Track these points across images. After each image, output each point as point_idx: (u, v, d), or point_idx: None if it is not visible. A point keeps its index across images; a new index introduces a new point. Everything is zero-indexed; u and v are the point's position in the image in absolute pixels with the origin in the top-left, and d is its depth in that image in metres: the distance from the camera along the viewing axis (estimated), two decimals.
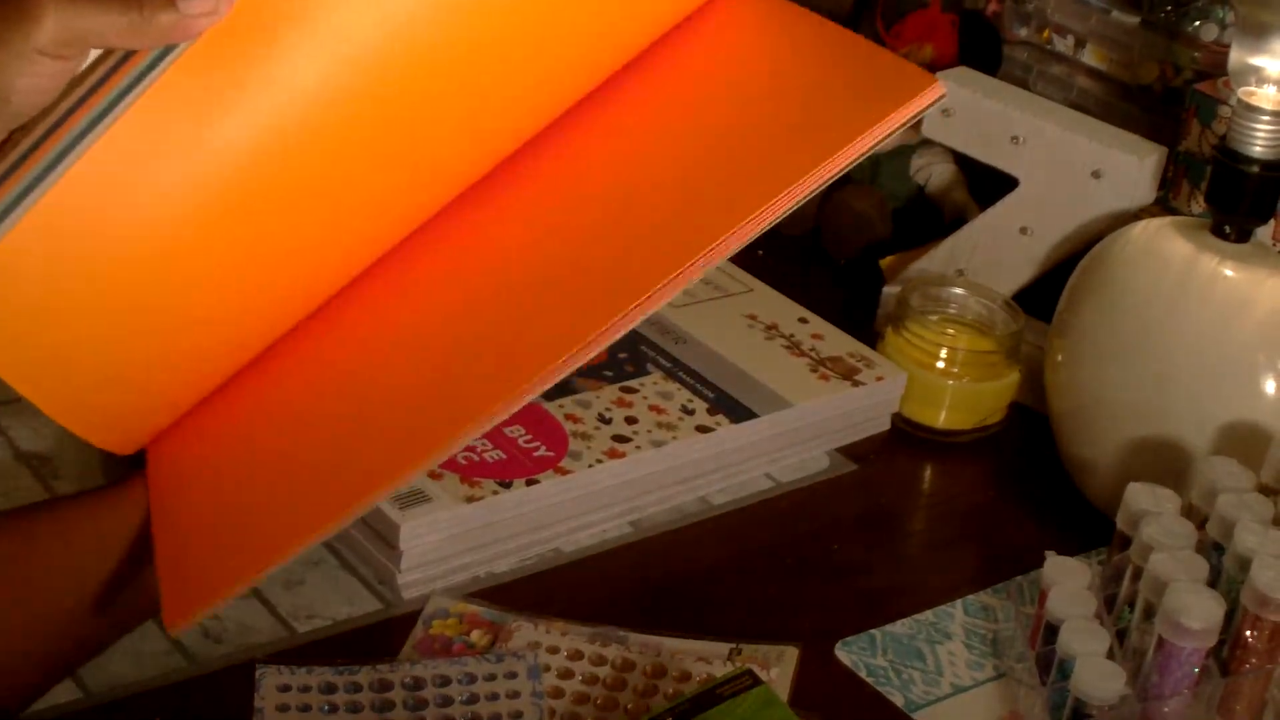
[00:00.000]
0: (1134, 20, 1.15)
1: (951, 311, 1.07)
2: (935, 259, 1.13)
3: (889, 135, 0.63)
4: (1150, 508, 0.82)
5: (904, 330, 1.04)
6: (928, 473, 1.03)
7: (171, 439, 0.69)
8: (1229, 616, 0.76)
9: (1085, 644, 0.76)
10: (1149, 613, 0.77)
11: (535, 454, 0.90)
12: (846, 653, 0.85)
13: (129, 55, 0.60)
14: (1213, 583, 0.78)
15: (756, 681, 0.73)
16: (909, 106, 0.63)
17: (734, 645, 0.83)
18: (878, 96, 0.64)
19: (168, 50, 0.59)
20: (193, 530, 0.66)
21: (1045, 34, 1.20)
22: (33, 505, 0.72)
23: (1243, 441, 0.89)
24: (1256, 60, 0.91)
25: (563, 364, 0.61)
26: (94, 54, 0.60)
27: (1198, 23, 1.11)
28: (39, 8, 0.57)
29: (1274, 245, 1.01)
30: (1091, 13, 1.17)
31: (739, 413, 0.96)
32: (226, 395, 0.69)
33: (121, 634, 0.71)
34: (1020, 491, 1.01)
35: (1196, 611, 0.74)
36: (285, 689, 0.76)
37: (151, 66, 0.60)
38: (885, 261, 1.16)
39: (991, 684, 0.84)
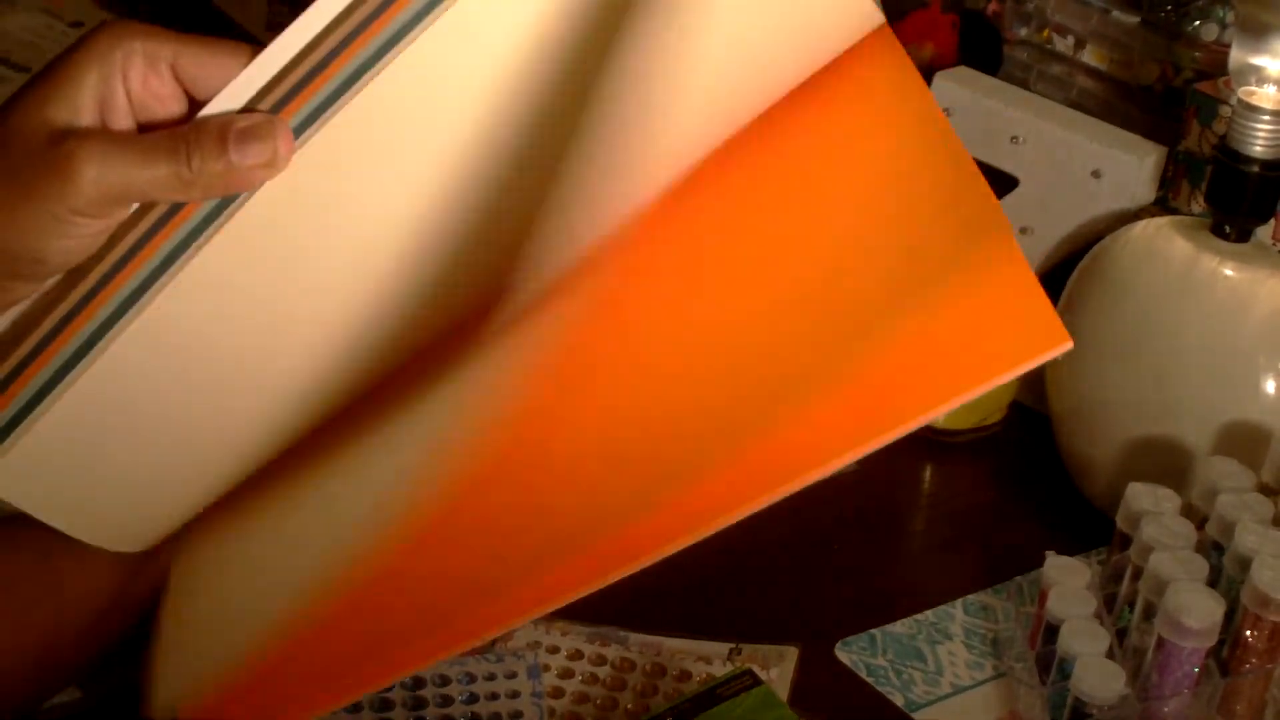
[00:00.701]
0: (1134, 20, 1.15)
1: None
2: None
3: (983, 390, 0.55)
4: (1150, 507, 0.82)
5: None
6: (927, 472, 1.03)
7: (197, 533, 0.66)
8: (1229, 616, 0.76)
9: (1085, 644, 0.76)
10: (1149, 612, 0.77)
11: None
12: (846, 653, 0.85)
13: (179, 207, 0.55)
14: (1213, 582, 0.78)
15: (756, 681, 0.73)
16: (1024, 362, 0.54)
17: (734, 645, 0.83)
18: (997, 341, 0.55)
19: (227, 202, 0.54)
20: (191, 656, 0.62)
21: (1045, 34, 1.20)
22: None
23: (1243, 441, 0.89)
24: (1257, 60, 0.91)
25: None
26: None
27: (1198, 22, 1.11)
28: (75, 165, 0.52)
29: (1274, 245, 1.01)
30: (1091, 13, 1.17)
31: None
32: (256, 488, 0.65)
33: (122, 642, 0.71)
34: (1020, 491, 1.00)
35: (1196, 611, 0.74)
36: None
37: (209, 220, 0.55)
38: None
39: (991, 684, 0.84)
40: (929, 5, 1.22)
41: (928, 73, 1.15)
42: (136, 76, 0.54)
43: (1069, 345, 0.53)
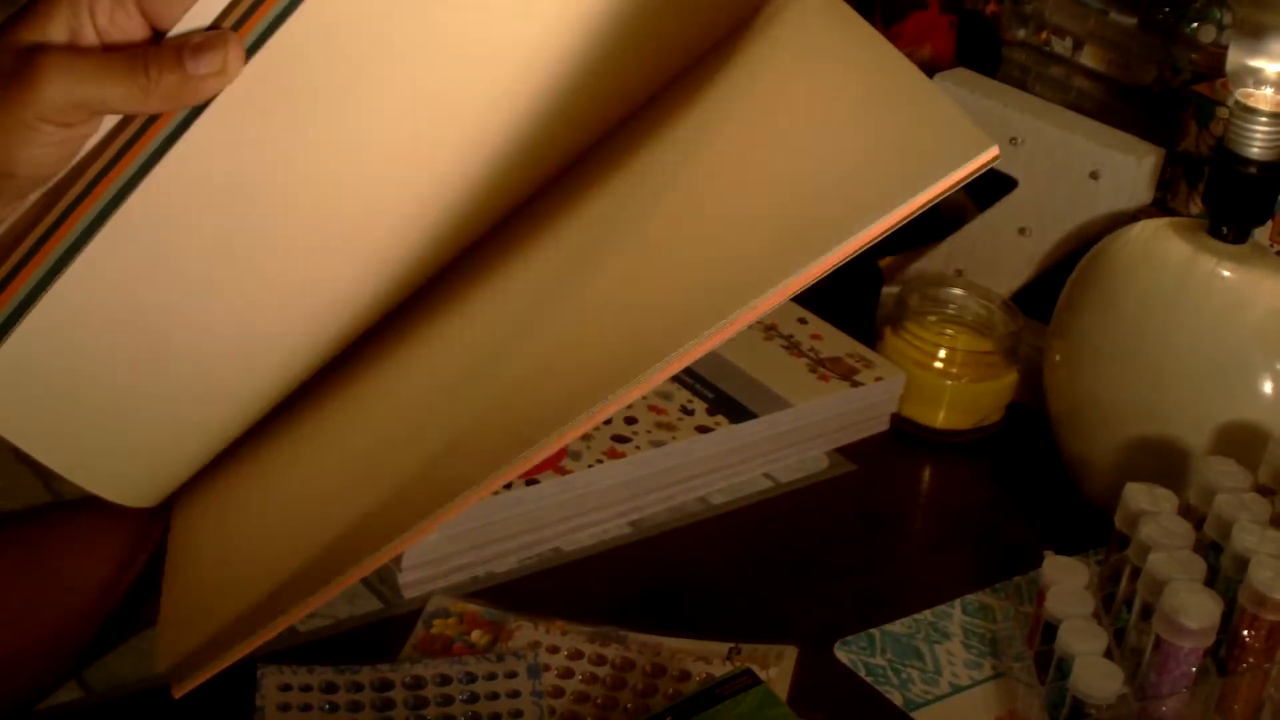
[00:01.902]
0: (1132, 22, 1.15)
1: (950, 312, 1.07)
2: (934, 259, 1.13)
3: (925, 204, 0.58)
4: (1148, 507, 0.82)
5: (903, 330, 1.04)
6: (926, 473, 1.03)
7: (199, 486, 0.66)
8: (1226, 616, 0.76)
9: (1083, 643, 0.76)
10: (1147, 612, 0.77)
11: None
12: (845, 652, 0.85)
13: (154, 119, 0.57)
14: (1210, 582, 0.78)
15: (756, 681, 0.73)
16: (955, 174, 0.54)
17: (733, 645, 0.83)
18: (922, 157, 0.56)
19: (194, 114, 0.57)
20: (199, 586, 0.63)
21: (1043, 35, 1.20)
22: (45, 510, 0.72)
23: (1240, 441, 0.89)
24: (1254, 62, 0.91)
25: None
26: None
27: (1195, 24, 1.11)
28: (37, 74, 0.54)
29: (1271, 246, 1.02)
30: (1089, 14, 1.17)
31: (738, 413, 0.96)
32: (259, 437, 0.66)
33: (127, 639, 0.71)
34: (1019, 491, 1.01)
35: (1194, 611, 0.74)
36: (286, 688, 0.76)
37: (180, 130, 0.57)
38: (884, 262, 1.16)
39: (990, 683, 0.84)
40: (927, 6, 1.22)
41: (927, 73, 1.15)
42: (104, 12, 0.56)
43: (995, 154, 0.54)
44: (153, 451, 0.64)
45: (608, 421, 0.94)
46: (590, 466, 0.90)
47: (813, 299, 1.09)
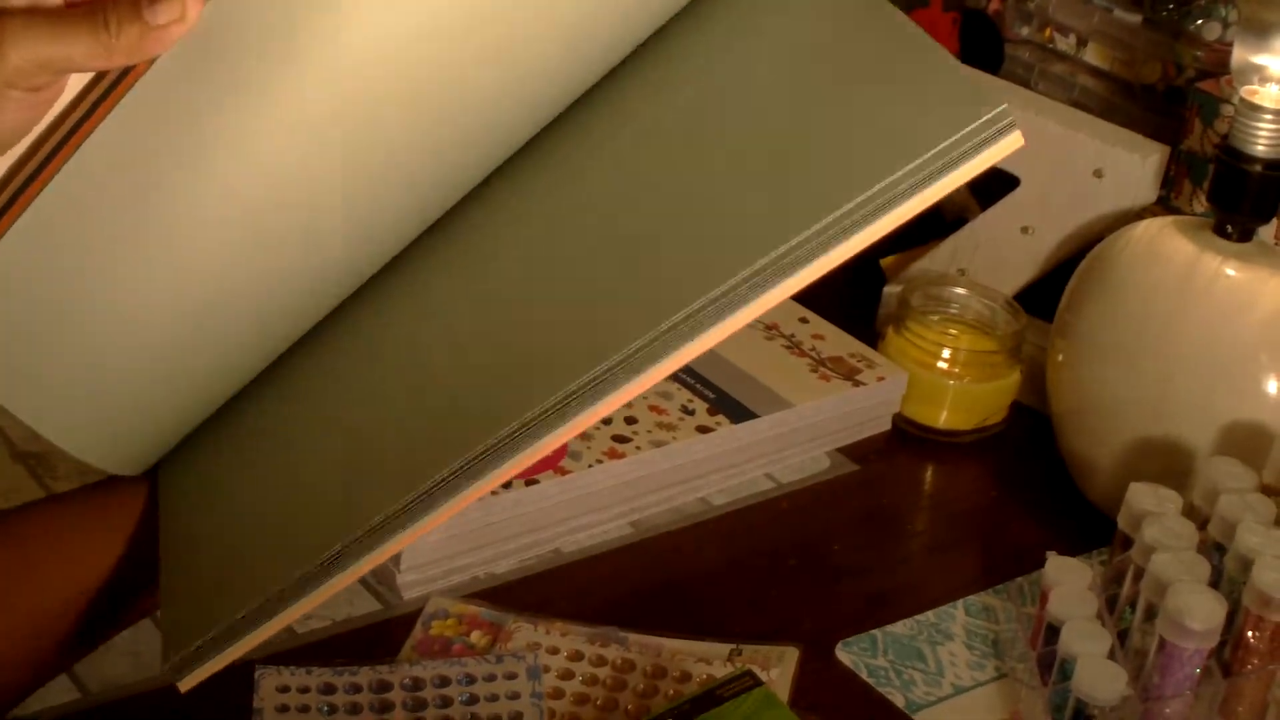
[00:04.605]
0: (1136, 19, 1.15)
1: (953, 311, 1.06)
2: (937, 258, 1.13)
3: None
4: (1152, 508, 0.82)
5: (905, 330, 1.04)
6: (929, 473, 1.02)
7: (188, 460, 0.66)
8: (1231, 617, 0.76)
9: (1087, 645, 0.76)
10: (1150, 613, 0.77)
11: None
12: (847, 653, 0.84)
13: (122, 78, 0.58)
14: (1214, 583, 0.77)
15: (757, 682, 0.72)
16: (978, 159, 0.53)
17: (734, 646, 0.83)
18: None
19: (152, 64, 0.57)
20: (199, 579, 0.63)
21: (1047, 33, 1.20)
22: (25, 507, 0.71)
23: (1245, 441, 0.89)
24: (1259, 59, 0.91)
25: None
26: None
27: (1200, 21, 1.11)
28: (1, 37, 0.54)
29: (1276, 244, 1.01)
30: (1093, 11, 1.16)
31: (739, 413, 0.96)
32: (242, 407, 0.65)
33: (114, 634, 0.71)
34: (1021, 492, 1.00)
35: (1198, 612, 0.74)
36: (284, 689, 0.76)
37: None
38: (886, 261, 1.15)
39: (993, 684, 0.84)
40: (929, 4, 1.22)
41: None
42: None
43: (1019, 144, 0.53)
44: (120, 413, 0.64)
45: (607, 421, 0.93)
46: (590, 467, 0.90)
47: (814, 298, 1.09)
